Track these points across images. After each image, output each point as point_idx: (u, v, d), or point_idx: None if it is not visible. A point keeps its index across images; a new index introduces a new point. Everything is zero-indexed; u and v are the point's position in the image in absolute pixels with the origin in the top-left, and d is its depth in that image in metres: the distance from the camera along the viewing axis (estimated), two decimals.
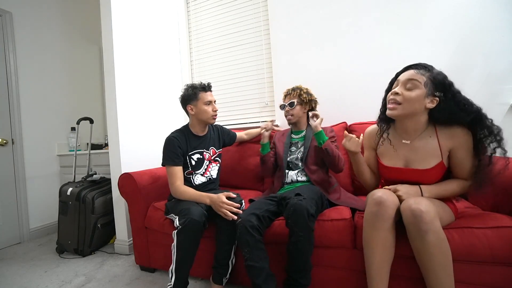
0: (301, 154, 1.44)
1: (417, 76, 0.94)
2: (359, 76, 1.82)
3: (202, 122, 1.45)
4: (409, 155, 1.02)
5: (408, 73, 0.97)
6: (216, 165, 1.52)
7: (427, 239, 0.82)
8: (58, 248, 1.90)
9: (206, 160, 1.45)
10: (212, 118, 1.44)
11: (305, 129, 1.52)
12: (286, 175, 1.42)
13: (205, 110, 1.40)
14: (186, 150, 1.39)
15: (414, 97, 0.94)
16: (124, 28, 1.87)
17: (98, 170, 2.24)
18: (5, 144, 2.17)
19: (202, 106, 1.40)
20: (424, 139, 1.00)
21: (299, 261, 1.03)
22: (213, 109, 1.43)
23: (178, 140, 1.37)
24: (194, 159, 1.41)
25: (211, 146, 1.50)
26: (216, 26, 2.31)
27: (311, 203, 1.07)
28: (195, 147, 1.42)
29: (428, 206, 0.84)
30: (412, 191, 0.96)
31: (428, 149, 0.99)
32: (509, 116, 1.50)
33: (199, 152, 1.43)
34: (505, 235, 0.87)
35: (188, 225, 1.14)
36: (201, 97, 1.40)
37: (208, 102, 1.42)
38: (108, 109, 1.82)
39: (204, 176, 1.45)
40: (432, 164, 0.98)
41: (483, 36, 1.55)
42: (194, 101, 1.40)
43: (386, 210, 0.89)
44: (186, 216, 1.16)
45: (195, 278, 1.44)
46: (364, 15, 1.80)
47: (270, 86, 2.12)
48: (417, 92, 0.94)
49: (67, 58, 2.66)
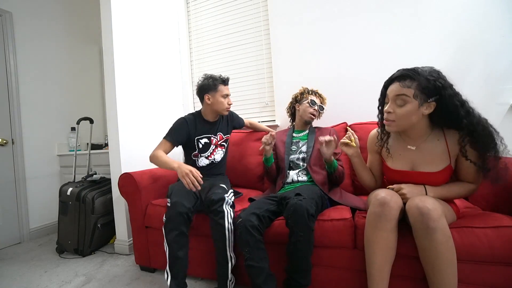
0: (303, 154, 1.44)
1: (404, 91, 0.90)
2: (360, 75, 1.82)
3: (215, 112, 1.54)
4: (415, 158, 1.01)
5: (395, 88, 0.93)
6: (221, 149, 1.59)
7: (435, 237, 0.81)
8: (58, 248, 1.90)
9: (212, 145, 1.55)
10: (226, 110, 1.53)
11: (307, 128, 1.53)
12: (288, 175, 1.42)
13: (222, 102, 1.49)
14: (194, 133, 1.50)
15: (406, 113, 0.92)
16: (124, 28, 1.87)
17: (98, 170, 2.24)
18: (5, 144, 2.17)
19: (219, 97, 1.49)
20: (431, 142, 0.99)
21: (299, 261, 1.03)
22: (228, 102, 1.52)
23: (187, 123, 1.49)
24: (201, 143, 1.50)
25: (219, 132, 1.58)
26: (216, 26, 2.31)
27: (311, 203, 1.07)
28: (204, 132, 1.52)
29: (435, 203, 0.84)
30: (417, 190, 0.96)
31: (437, 152, 0.97)
32: (509, 116, 1.50)
33: (207, 137, 1.52)
34: (505, 234, 0.87)
35: (170, 217, 1.20)
36: (220, 89, 1.49)
37: (225, 95, 1.51)
38: (108, 109, 1.82)
39: (209, 159, 1.54)
40: (440, 167, 0.96)
41: (483, 36, 1.55)
42: (212, 92, 1.49)
43: (390, 211, 0.89)
44: (170, 210, 1.22)
45: (195, 278, 1.44)
46: (364, 15, 1.80)
47: (270, 86, 2.12)
48: (408, 107, 0.91)
49: (67, 58, 2.66)
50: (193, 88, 2.45)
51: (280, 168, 1.49)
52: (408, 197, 0.93)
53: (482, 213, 1.04)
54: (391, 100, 0.95)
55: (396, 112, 0.93)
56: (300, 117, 1.56)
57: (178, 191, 1.33)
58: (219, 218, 1.20)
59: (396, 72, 0.96)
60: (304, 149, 1.46)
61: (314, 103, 1.51)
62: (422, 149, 1.00)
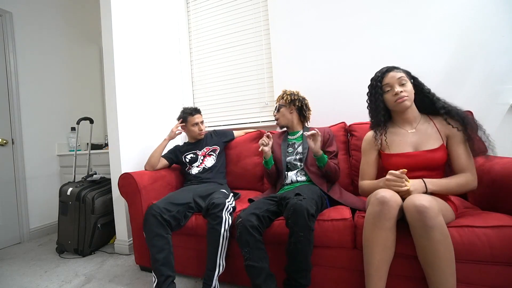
0: (299, 154, 1.45)
1: (401, 74, 1.09)
2: (360, 75, 1.81)
3: (192, 137, 1.84)
4: (416, 140, 1.08)
5: (394, 75, 1.09)
6: (211, 157, 1.78)
7: (432, 235, 0.82)
8: (58, 248, 1.90)
9: (200, 156, 1.77)
10: (199, 135, 1.79)
11: (301, 129, 1.55)
12: (286, 176, 1.43)
13: (192, 130, 1.78)
14: (180, 153, 1.80)
15: (411, 89, 1.08)
16: (124, 28, 1.87)
17: (98, 170, 2.24)
18: (5, 144, 2.17)
19: (190, 126, 1.78)
20: (424, 125, 1.11)
21: (299, 261, 1.03)
22: (199, 128, 1.78)
23: (178, 146, 1.86)
24: (187, 158, 1.77)
25: (205, 146, 1.81)
26: (216, 26, 2.31)
27: (311, 203, 1.07)
28: (188, 150, 1.81)
29: (431, 202, 0.85)
30: (417, 184, 0.98)
31: (430, 132, 1.08)
32: (509, 116, 1.50)
33: (192, 153, 1.78)
34: (505, 234, 0.86)
35: (144, 220, 1.27)
36: (189, 120, 1.77)
37: (195, 124, 1.77)
38: (108, 109, 1.82)
39: (199, 167, 1.74)
40: (436, 145, 1.05)
41: (483, 36, 1.55)
42: (185, 122, 1.79)
43: (389, 210, 0.89)
44: (146, 212, 1.29)
45: (195, 278, 1.44)
46: (364, 15, 1.80)
47: (270, 86, 2.12)
48: (408, 85, 1.08)
49: (67, 58, 2.67)
50: (193, 88, 2.45)
51: (279, 171, 1.49)
52: (411, 191, 0.94)
53: (482, 213, 1.04)
54: (396, 83, 1.08)
55: (405, 90, 1.07)
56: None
57: (169, 195, 1.43)
58: (216, 223, 1.20)
59: (382, 69, 1.14)
60: (300, 150, 1.47)
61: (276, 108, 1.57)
62: (419, 130, 1.10)
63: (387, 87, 1.10)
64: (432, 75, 1.57)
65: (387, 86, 1.10)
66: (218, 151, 1.82)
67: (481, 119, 1.40)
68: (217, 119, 2.34)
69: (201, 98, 2.41)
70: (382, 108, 1.13)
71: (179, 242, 1.40)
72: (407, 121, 1.12)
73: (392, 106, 1.10)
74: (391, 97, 1.08)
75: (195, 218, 1.38)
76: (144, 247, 1.51)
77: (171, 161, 1.79)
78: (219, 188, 1.53)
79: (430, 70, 1.63)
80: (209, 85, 2.37)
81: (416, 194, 0.90)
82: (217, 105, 2.34)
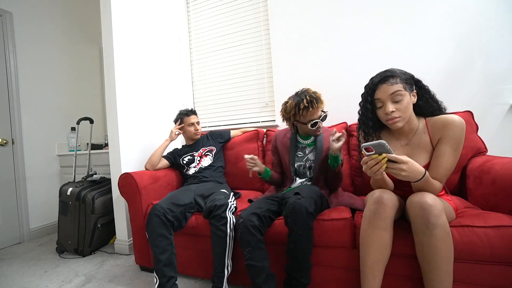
0: (309, 162, 1.36)
1: (395, 87, 0.96)
2: (360, 76, 1.80)
3: (188, 138, 1.87)
4: (408, 154, 1.02)
5: (386, 89, 0.97)
6: (207, 158, 1.82)
7: (435, 233, 0.82)
8: (58, 248, 1.89)
9: (197, 157, 1.81)
10: (195, 135, 1.84)
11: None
12: (295, 180, 1.40)
13: (189, 130, 1.82)
14: (178, 155, 1.84)
15: (406, 105, 0.97)
16: (124, 28, 1.87)
17: (98, 170, 2.24)
18: (5, 144, 2.17)
19: (186, 127, 1.82)
20: (418, 136, 1.03)
21: (299, 260, 1.03)
22: (195, 128, 1.83)
23: (176, 149, 1.90)
24: (185, 160, 1.80)
25: (200, 148, 1.84)
26: (216, 26, 2.31)
27: (310, 201, 1.07)
28: (185, 152, 1.84)
29: (435, 200, 0.85)
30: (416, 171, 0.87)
31: (423, 145, 1.02)
32: (509, 116, 1.50)
33: (189, 155, 1.82)
34: (505, 234, 0.87)
35: (148, 220, 1.26)
36: (185, 120, 1.81)
37: (191, 124, 1.81)
38: (108, 109, 1.82)
39: (196, 168, 1.77)
40: (425, 161, 1.00)
41: (483, 36, 1.55)
42: (181, 123, 1.83)
43: (385, 209, 0.90)
44: (149, 212, 1.28)
45: (195, 278, 1.44)
46: (364, 15, 1.80)
47: (270, 86, 2.12)
48: (405, 100, 0.96)
49: (67, 58, 2.66)
50: (193, 88, 2.45)
51: (284, 174, 1.46)
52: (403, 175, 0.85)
53: (482, 213, 1.04)
54: (388, 100, 0.98)
55: (398, 108, 0.97)
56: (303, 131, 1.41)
57: (170, 195, 1.42)
58: (221, 224, 1.20)
59: (374, 79, 1.02)
60: (311, 157, 1.36)
61: (315, 124, 1.29)
62: (412, 144, 1.04)
63: (379, 102, 1.00)
64: (432, 75, 1.57)
65: (379, 102, 1.00)
66: (214, 151, 1.84)
67: (481, 119, 1.42)
68: (217, 119, 2.34)
69: (201, 98, 2.41)
70: (371, 126, 1.06)
71: (179, 242, 1.40)
72: (402, 134, 1.07)
73: (384, 123, 1.03)
74: (383, 115, 1.00)
75: (195, 218, 1.37)
76: (144, 247, 1.52)
77: (171, 161, 1.82)
78: (219, 188, 1.53)
79: (430, 70, 1.63)
80: (209, 85, 2.37)
81: (419, 193, 0.90)
82: (217, 105, 2.34)
